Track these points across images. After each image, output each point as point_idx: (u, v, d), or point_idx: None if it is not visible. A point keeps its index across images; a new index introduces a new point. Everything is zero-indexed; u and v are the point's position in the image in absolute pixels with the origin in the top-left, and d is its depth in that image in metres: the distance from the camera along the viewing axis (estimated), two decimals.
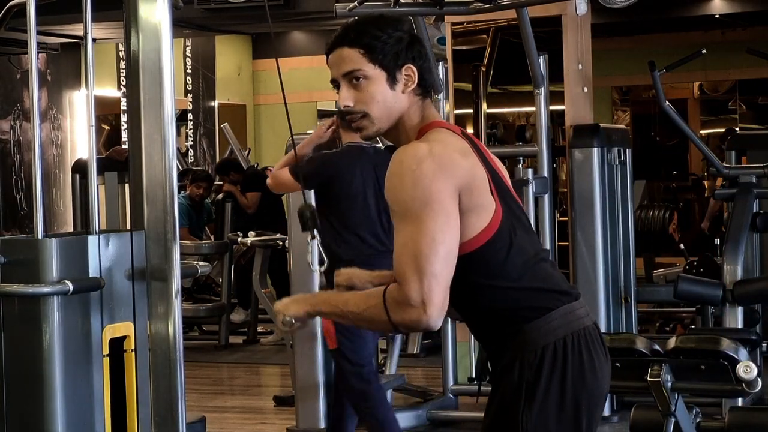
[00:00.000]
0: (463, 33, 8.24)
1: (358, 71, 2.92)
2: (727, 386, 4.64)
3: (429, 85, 2.98)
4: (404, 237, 2.77)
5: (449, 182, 2.78)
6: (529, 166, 7.39)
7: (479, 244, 2.84)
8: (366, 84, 2.92)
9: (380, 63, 2.92)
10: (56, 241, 3.34)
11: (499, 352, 2.95)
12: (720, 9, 12.60)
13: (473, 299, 2.92)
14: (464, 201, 2.81)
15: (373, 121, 2.94)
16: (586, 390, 2.91)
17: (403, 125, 2.96)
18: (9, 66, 13.00)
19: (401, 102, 2.94)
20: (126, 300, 3.45)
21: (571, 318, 2.92)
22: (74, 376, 3.34)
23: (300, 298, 3.00)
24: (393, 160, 2.84)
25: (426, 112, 2.97)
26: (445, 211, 2.77)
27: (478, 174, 2.85)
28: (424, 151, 2.81)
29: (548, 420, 2.88)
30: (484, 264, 2.86)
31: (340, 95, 2.96)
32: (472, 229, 2.83)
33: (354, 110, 2.94)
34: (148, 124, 3.47)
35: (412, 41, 2.96)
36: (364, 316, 2.83)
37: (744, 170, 7.62)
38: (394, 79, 2.92)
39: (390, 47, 2.92)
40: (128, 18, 3.49)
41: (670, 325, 10.13)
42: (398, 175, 2.80)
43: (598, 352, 2.95)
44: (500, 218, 2.87)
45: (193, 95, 14.82)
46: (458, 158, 2.83)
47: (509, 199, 2.93)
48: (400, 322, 2.78)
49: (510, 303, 2.90)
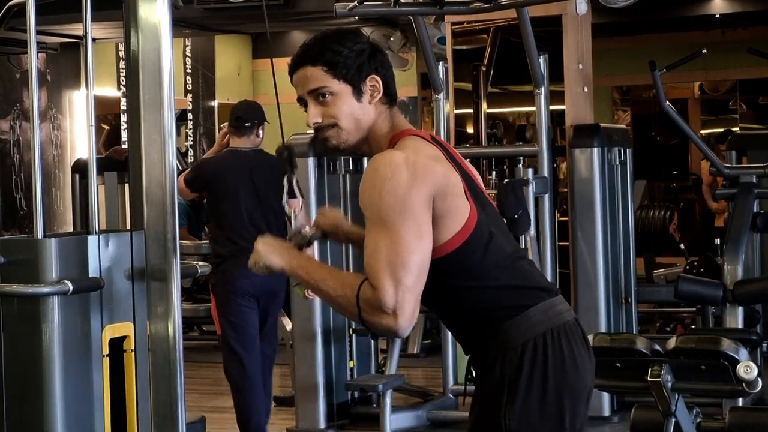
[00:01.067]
0: (463, 33, 8.24)
1: (323, 88, 2.95)
2: (728, 386, 4.64)
3: (394, 93, 3.01)
4: (378, 244, 2.79)
5: (423, 189, 2.81)
6: (529, 166, 7.39)
7: (455, 246, 2.87)
8: (332, 100, 2.95)
9: (344, 77, 2.94)
10: (56, 241, 3.34)
11: (481, 353, 2.97)
12: (720, 9, 12.59)
13: (452, 302, 2.94)
14: (438, 206, 2.83)
15: (341, 132, 2.96)
16: (568, 384, 2.92)
17: (374, 135, 2.99)
18: (9, 66, 12.99)
19: (369, 113, 2.97)
20: (126, 300, 3.45)
21: (551, 314, 2.94)
22: (74, 376, 3.34)
23: (284, 252, 3.00)
24: (368, 168, 2.86)
25: (395, 120, 3.00)
26: (419, 221, 2.80)
27: (451, 179, 2.88)
28: (398, 158, 2.83)
29: (531, 415, 2.90)
30: (461, 266, 2.88)
31: (308, 113, 2.97)
32: (447, 232, 2.86)
33: (323, 125, 2.97)
34: (147, 124, 3.47)
35: (373, 52, 2.99)
36: (337, 301, 2.87)
37: (744, 170, 7.62)
38: (359, 91, 2.95)
39: (352, 61, 2.94)
40: (128, 18, 3.49)
41: (670, 325, 10.13)
42: (372, 183, 2.82)
43: (579, 347, 2.97)
44: (475, 220, 2.89)
45: (193, 95, 14.82)
46: (432, 164, 2.86)
47: (483, 202, 2.95)
48: (369, 322, 2.82)
49: (489, 303, 2.92)
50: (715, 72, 15.36)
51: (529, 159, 7.59)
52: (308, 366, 7.22)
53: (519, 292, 2.94)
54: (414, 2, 6.40)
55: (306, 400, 7.21)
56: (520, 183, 7.00)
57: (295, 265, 2.97)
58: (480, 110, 8.28)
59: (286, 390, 8.19)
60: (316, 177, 7.21)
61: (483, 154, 8.03)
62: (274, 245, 3.01)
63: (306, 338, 7.24)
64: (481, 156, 8.01)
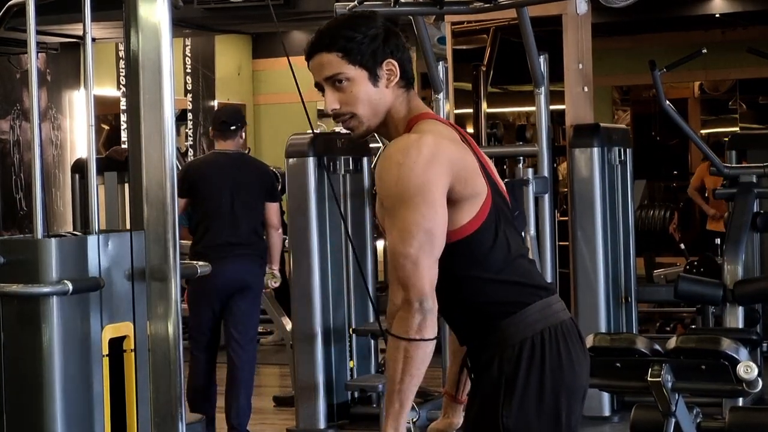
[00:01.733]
0: (463, 33, 8.24)
1: (339, 74, 2.94)
2: (728, 386, 4.64)
3: (411, 76, 3.01)
4: (397, 228, 2.80)
5: (442, 170, 2.82)
6: (529, 166, 7.40)
7: (468, 232, 2.88)
8: (349, 85, 2.94)
9: (360, 63, 2.94)
10: (56, 241, 3.33)
11: (478, 349, 2.98)
12: (720, 8, 12.59)
13: (454, 291, 2.94)
14: (458, 189, 2.85)
15: (362, 120, 2.97)
16: (565, 383, 2.93)
17: (392, 119, 2.98)
18: (9, 66, 12.99)
19: (386, 97, 2.96)
20: (126, 300, 3.45)
21: (548, 312, 2.95)
22: (74, 376, 3.34)
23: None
24: (384, 153, 2.87)
25: (412, 103, 3.00)
26: (436, 203, 2.80)
27: (468, 161, 2.89)
28: (415, 142, 2.84)
29: (528, 414, 2.90)
30: (469, 254, 2.89)
31: (325, 99, 2.98)
32: (463, 217, 2.87)
33: (341, 112, 2.97)
34: (147, 124, 3.47)
35: (388, 35, 2.98)
36: (406, 369, 2.80)
37: (744, 170, 7.62)
38: (376, 76, 2.95)
39: (366, 46, 2.94)
40: (128, 17, 3.49)
41: (670, 325, 10.13)
42: (389, 168, 2.83)
43: (576, 346, 2.97)
44: (489, 208, 2.90)
45: (193, 95, 14.82)
46: (450, 146, 2.87)
47: (498, 192, 2.96)
48: (411, 322, 2.78)
49: (489, 297, 2.93)
50: (715, 72, 15.36)
51: (529, 159, 7.59)
52: (308, 366, 7.22)
53: (519, 289, 2.94)
54: (414, 2, 6.40)
55: (306, 400, 7.21)
56: (520, 183, 7.00)
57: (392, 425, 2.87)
58: (480, 110, 8.28)
59: (286, 390, 8.20)
60: (316, 177, 7.21)
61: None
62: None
63: (306, 338, 7.24)
64: None
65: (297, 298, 7.27)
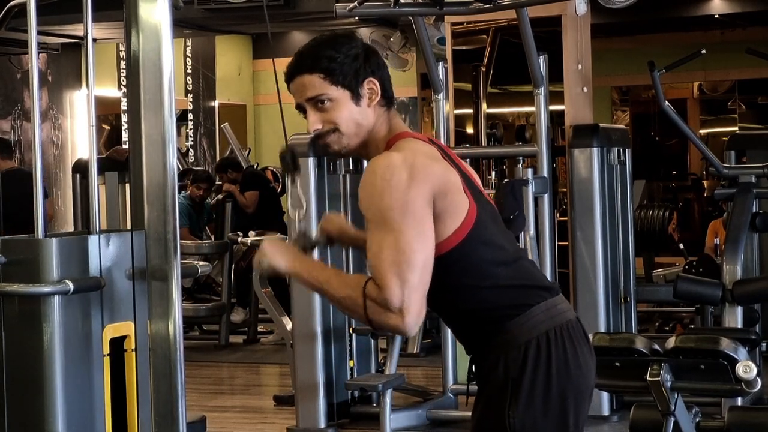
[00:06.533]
0: (463, 33, 8.25)
1: (322, 95, 2.94)
2: (727, 386, 4.64)
3: (391, 95, 3.01)
4: (382, 244, 2.79)
5: (423, 188, 2.81)
6: (529, 166, 7.40)
7: (455, 242, 2.87)
8: (332, 106, 2.95)
9: (342, 83, 2.94)
10: (56, 240, 3.34)
11: (484, 352, 2.97)
12: (719, 9, 12.60)
13: (454, 301, 2.94)
14: (438, 204, 2.84)
15: (342, 136, 2.96)
16: (572, 383, 2.93)
17: (372, 138, 2.99)
18: (9, 66, 13.00)
19: (368, 117, 2.97)
20: (126, 300, 3.46)
21: (553, 312, 2.94)
22: (74, 375, 3.35)
23: (288, 253, 2.99)
24: (366, 171, 2.86)
25: (392, 122, 3.00)
26: (421, 220, 2.80)
27: (450, 177, 2.88)
28: (396, 159, 2.84)
29: (535, 415, 2.90)
30: (462, 264, 2.89)
31: (308, 120, 2.97)
32: (447, 230, 2.86)
33: (324, 131, 2.97)
34: (148, 124, 3.48)
35: (368, 54, 2.99)
36: (342, 302, 2.86)
37: (744, 170, 7.62)
38: (358, 95, 2.95)
39: (348, 66, 2.94)
40: (128, 18, 3.50)
41: (669, 325, 10.13)
42: (372, 185, 2.82)
43: (582, 346, 2.97)
44: (474, 217, 2.89)
45: (194, 95, 14.83)
46: (430, 163, 2.86)
47: (483, 201, 2.96)
48: (376, 321, 2.81)
49: (491, 302, 2.93)
50: (714, 72, 15.37)
51: (529, 159, 7.59)
52: (308, 365, 7.22)
53: (521, 291, 2.94)
54: (414, 2, 6.41)
55: (306, 400, 7.22)
56: (520, 183, 7.00)
57: (299, 266, 2.97)
58: (480, 110, 8.29)
59: (286, 389, 8.20)
60: (316, 177, 7.22)
61: (483, 154, 8.04)
62: (279, 246, 3.01)
63: (306, 338, 7.24)
64: (480, 156, 8.02)
65: (297, 298, 7.27)
